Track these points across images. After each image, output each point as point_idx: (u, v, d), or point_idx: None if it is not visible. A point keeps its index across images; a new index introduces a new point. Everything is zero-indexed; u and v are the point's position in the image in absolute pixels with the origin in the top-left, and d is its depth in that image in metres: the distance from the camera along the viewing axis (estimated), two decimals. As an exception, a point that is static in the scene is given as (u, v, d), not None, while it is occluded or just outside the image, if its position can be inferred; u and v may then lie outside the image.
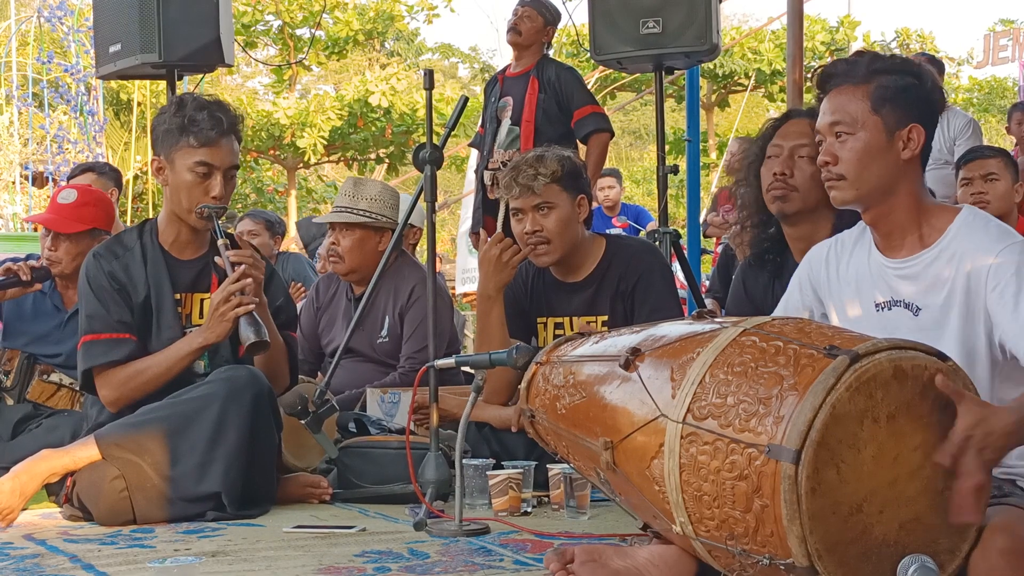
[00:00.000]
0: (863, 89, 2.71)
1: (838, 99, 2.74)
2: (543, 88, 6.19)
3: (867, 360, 2.21)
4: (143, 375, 3.73)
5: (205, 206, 3.74)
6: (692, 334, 2.50)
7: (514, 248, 3.96)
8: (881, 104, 2.69)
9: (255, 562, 2.87)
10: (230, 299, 3.66)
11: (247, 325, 3.63)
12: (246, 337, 3.63)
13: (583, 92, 6.31)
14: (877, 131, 2.70)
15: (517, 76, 6.34)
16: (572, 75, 6.34)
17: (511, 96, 6.31)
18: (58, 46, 15.20)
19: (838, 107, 2.73)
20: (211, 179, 3.76)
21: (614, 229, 9.17)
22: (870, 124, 2.69)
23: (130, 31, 5.76)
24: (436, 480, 3.47)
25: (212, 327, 3.70)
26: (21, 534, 3.34)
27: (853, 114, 2.70)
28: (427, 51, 35.04)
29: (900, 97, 2.70)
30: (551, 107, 6.18)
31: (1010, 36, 18.59)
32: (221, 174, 3.76)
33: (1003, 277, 2.54)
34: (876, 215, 2.75)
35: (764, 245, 3.83)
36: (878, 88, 2.70)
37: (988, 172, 5.29)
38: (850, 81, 2.73)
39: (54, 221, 4.52)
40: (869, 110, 2.69)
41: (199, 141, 3.74)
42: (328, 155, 22.83)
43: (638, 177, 28.11)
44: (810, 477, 2.15)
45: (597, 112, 6.28)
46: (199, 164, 3.75)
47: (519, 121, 6.20)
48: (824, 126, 2.75)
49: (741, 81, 22.90)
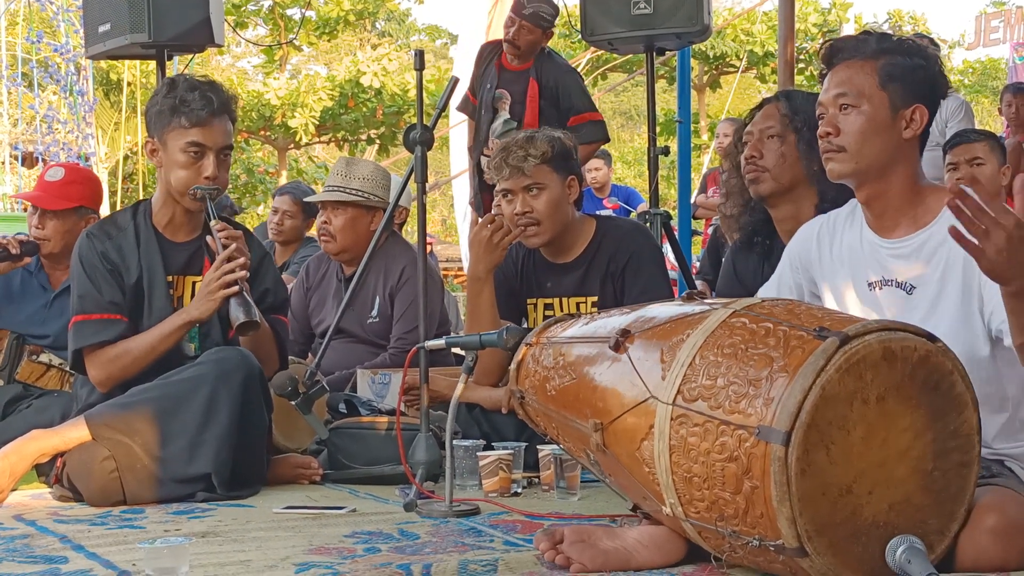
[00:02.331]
0: (872, 64, 2.71)
1: (845, 72, 2.73)
2: (543, 92, 6.18)
3: (857, 342, 2.22)
4: (130, 354, 3.72)
5: (198, 187, 3.73)
6: (682, 315, 2.50)
7: (505, 229, 3.96)
8: (888, 81, 2.69)
9: (245, 543, 2.87)
10: (220, 278, 3.65)
11: (237, 305, 3.63)
12: (235, 317, 3.62)
13: (582, 97, 6.30)
14: (882, 107, 2.70)
15: (515, 71, 6.30)
16: (572, 79, 6.33)
17: (508, 91, 6.28)
18: (47, 26, 15.12)
19: (845, 79, 2.72)
20: (203, 160, 3.75)
21: (604, 210, 9.17)
22: (876, 99, 2.70)
23: (119, 11, 5.72)
24: (426, 461, 3.47)
25: (199, 304, 3.70)
26: (11, 514, 3.34)
27: (860, 87, 2.70)
28: (417, 32, 34.94)
29: (908, 76, 2.70)
30: (550, 110, 6.17)
31: (1001, 17, 18.57)
32: (214, 154, 3.75)
33: None
34: (871, 193, 2.75)
35: (751, 228, 3.86)
36: (887, 65, 2.70)
37: (973, 156, 5.32)
38: (859, 56, 2.73)
39: (41, 198, 4.51)
40: (876, 85, 2.70)
41: (190, 121, 3.73)
42: (319, 136, 22.81)
43: (629, 158, 28.10)
44: (800, 459, 2.15)
45: (594, 120, 6.27)
46: (191, 145, 3.74)
47: (520, 120, 6.18)
48: (828, 99, 2.74)
49: (732, 62, 22.89)
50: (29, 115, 13.51)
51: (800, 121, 3.67)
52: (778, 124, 3.71)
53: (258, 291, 3.86)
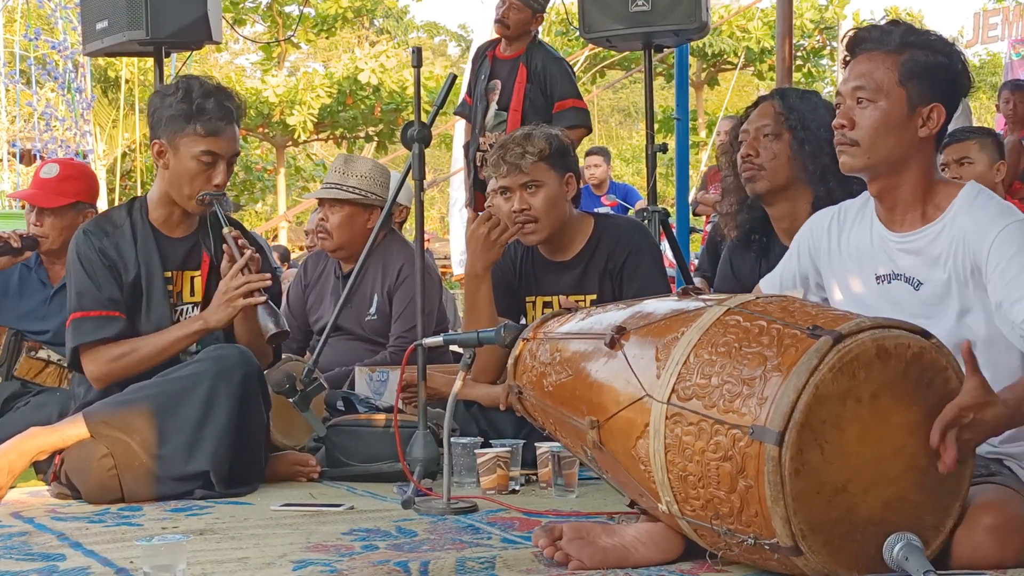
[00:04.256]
0: (893, 59, 2.68)
1: (866, 64, 2.71)
2: (531, 77, 6.19)
3: (850, 340, 2.22)
4: (135, 354, 3.71)
5: (207, 193, 3.73)
6: (677, 312, 2.50)
7: (502, 227, 3.96)
8: (909, 77, 2.67)
9: (243, 540, 2.87)
10: (241, 287, 3.66)
11: (266, 315, 3.64)
12: (266, 328, 3.64)
13: (567, 84, 6.30)
14: (899, 103, 2.68)
15: (506, 60, 6.33)
16: (559, 66, 6.34)
17: (499, 79, 6.30)
18: (45, 23, 15.11)
19: (865, 72, 2.70)
20: (215, 168, 3.75)
21: (602, 207, 9.17)
22: (894, 95, 2.67)
23: (117, 8, 5.72)
24: (424, 458, 3.47)
25: (216, 311, 3.70)
26: (9, 512, 3.34)
27: (879, 81, 2.68)
28: (415, 29, 34.94)
29: (929, 74, 2.68)
30: (536, 96, 6.18)
31: (1000, 15, 18.56)
32: (224, 162, 3.76)
33: (1004, 256, 2.54)
34: (883, 187, 2.74)
35: (748, 226, 3.87)
36: (908, 61, 2.68)
37: (961, 156, 5.33)
38: (881, 48, 2.70)
39: (37, 196, 4.50)
40: (896, 81, 2.67)
41: (206, 130, 3.72)
42: (317, 133, 22.79)
43: (627, 155, 28.10)
44: (794, 458, 2.16)
45: (577, 107, 6.27)
46: (205, 153, 3.73)
47: (506, 107, 6.20)
48: (847, 90, 2.72)
49: (730, 59, 22.88)
50: (27, 112, 13.50)
51: (795, 120, 3.68)
52: (773, 122, 3.72)
53: None
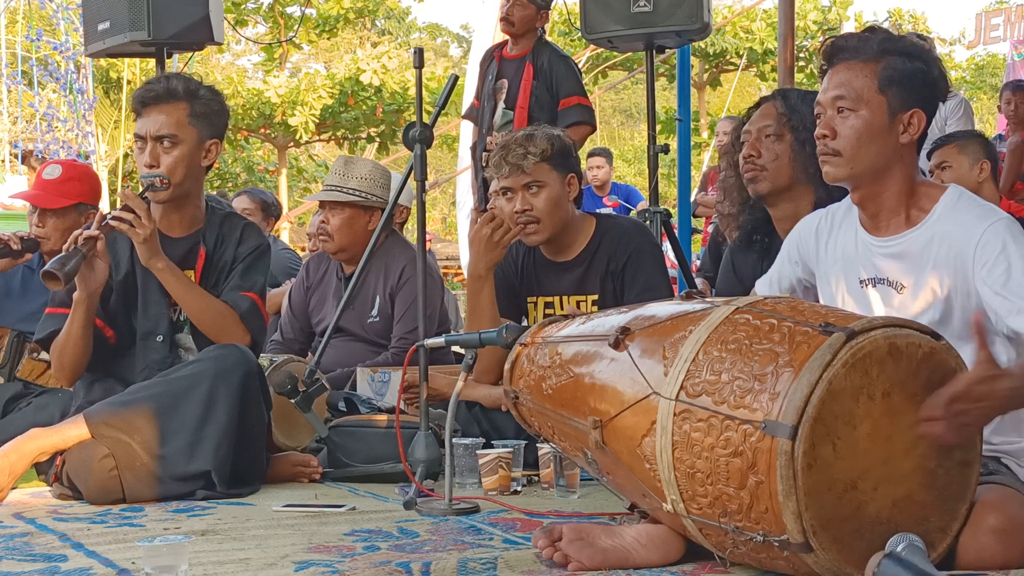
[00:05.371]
0: (872, 67, 2.69)
1: (845, 74, 2.71)
2: (537, 75, 6.19)
3: (863, 337, 2.22)
4: (60, 341, 3.76)
5: (143, 176, 3.77)
6: (683, 313, 2.50)
7: (505, 227, 3.95)
8: (888, 85, 2.68)
9: (245, 541, 2.87)
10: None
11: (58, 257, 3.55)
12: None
13: (572, 82, 6.30)
14: (880, 111, 2.68)
15: (513, 59, 6.33)
16: (565, 64, 6.33)
17: (507, 79, 6.30)
18: (47, 24, 15.13)
19: (844, 82, 2.71)
20: (144, 150, 3.80)
21: (604, 208, 9.17)
22: (874, 103, 2.68)
23: (119, 9, 5.73)
24: (426, 459, 3.46)
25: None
26: (10, 513, 3.33)
27: (858, 90, 2.69)
28: (417, 30, 34.96)
29: (907, 80, 2.69)
30: (543, 94, 6.17)
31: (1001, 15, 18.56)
32: (153, 142, 3.78)
33: (989, 256, 2.55)
34: (865, 195, 2.75)
35: (750, 227, 3.87)
36: (887, 68, 2.68)
37: (940, 162, 5.49)
38: (859, 57, 2.71)
39: (39, 197, 4.50)
40: (875, 89, 2.68)
41: (135, 112, 3.85)
42: (319, 134, 22.78)
43: (629, 156, 28.11)
44: (807, 453, 2.15)
45: (582, 104, 6.26)
46: (136, 136, 3.84)
47: (513, 105, 6.19)
48: (827, 100, 2.73)
49: (732, 60, 22.86)
50: (29, 113, 13.52)
51: (797, 120, 3.68)
52: (775, 123, 3.72)
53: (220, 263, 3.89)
